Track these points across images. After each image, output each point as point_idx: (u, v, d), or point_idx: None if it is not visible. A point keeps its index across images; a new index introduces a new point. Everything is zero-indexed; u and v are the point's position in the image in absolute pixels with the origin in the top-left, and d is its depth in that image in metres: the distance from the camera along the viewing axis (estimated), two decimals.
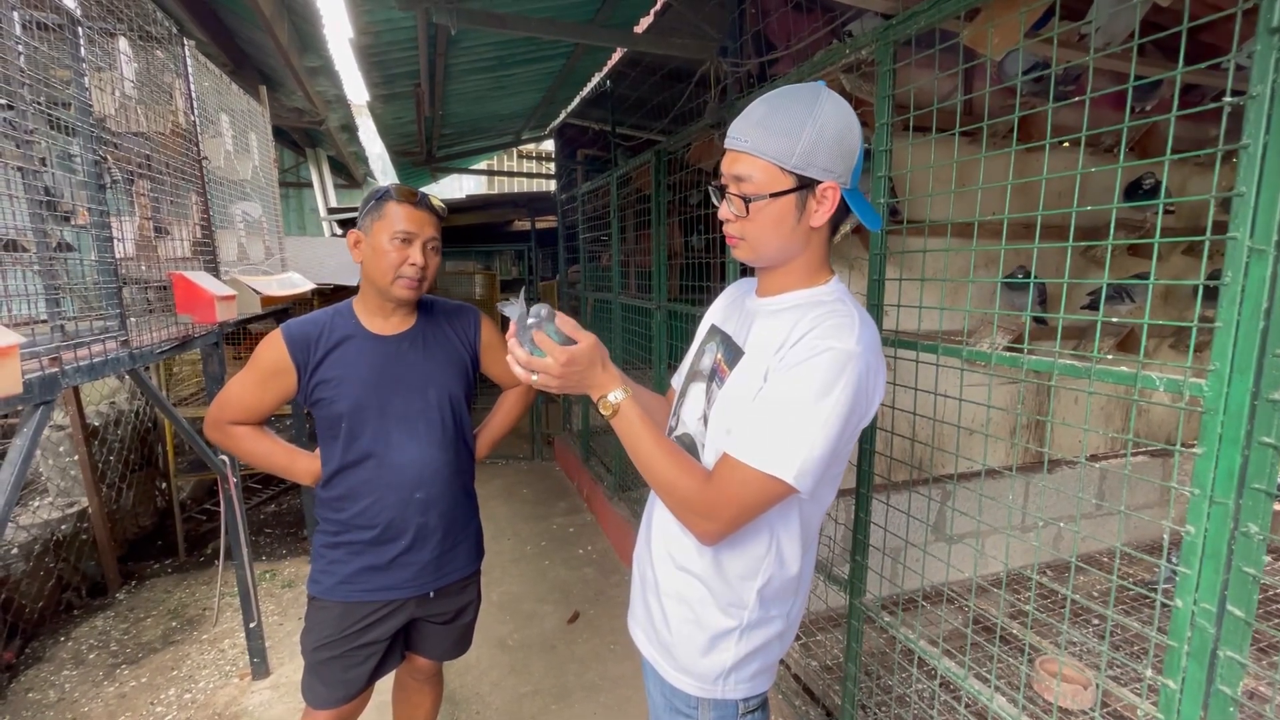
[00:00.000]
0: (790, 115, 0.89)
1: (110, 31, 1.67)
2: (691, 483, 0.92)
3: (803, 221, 0.93)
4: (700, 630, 1.02)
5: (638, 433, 0.95)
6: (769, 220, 0.93)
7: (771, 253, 0.97)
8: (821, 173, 0.90)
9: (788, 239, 0.94)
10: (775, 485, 0.87)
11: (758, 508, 0.91)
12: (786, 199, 0.91)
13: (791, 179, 0.90)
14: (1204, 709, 0.89)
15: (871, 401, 0.91)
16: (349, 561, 1.45)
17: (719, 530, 0.92)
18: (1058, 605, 2.44)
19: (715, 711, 1.04)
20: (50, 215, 1.41)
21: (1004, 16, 1.35)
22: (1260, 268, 0.80)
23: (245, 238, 2.64)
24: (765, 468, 0.86)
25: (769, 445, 0.86)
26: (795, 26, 2.23)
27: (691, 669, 1.03)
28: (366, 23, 2.76)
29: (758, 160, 0.91)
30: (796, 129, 0.89)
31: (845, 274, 2.45)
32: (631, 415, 0.95)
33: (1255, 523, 0.82)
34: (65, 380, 1.30)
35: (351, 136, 5.46)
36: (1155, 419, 3.38)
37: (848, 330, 0.88)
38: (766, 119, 0.91)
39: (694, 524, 0.93)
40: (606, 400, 0.96)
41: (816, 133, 0.89)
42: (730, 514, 0.90)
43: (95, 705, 2.35)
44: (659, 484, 0.95)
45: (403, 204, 1.36)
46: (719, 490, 0.90)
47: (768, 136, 0.90)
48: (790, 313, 0.96)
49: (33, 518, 2.93)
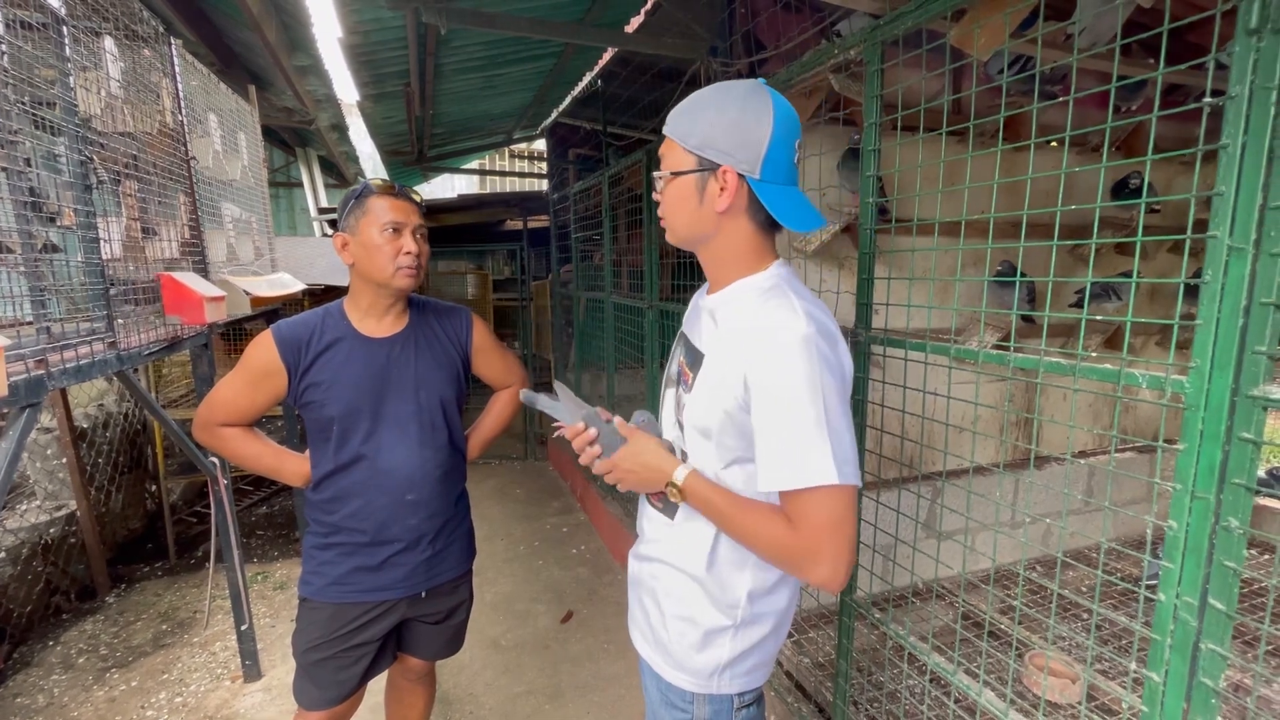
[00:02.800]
0: (701, 101, 0.94)
1: (96, 30, 1.66)
2: (777, 531, 0.91)
3: (705, 204, 0.95)
4: (694, 628, 1.03)
5: (710, 502, 0.96)
6: (675, 198, 0.97)
7: (682, 231, 1.00)
8: (720, 155, 0.92)
9: (693, 219, 0.97)
10: (835, 492, 0.87)
11: (841, 521, 0.88)
12: (687, 179, 0.95)
13: (692, 159, 0.94)
14: (1187, 701, 0.90)
15: (845, 368, 0.93)
16: (340, 563, 1.45)
17: (834, 568, 0.88)
18: (1047, 600, 2.46)
19: (710, 706, 1.05)
20: (36, 216, 1.39)
21: (989, 17, 1.36)
22: (1239, 266, 0.81)
23: (234, 238, 2.62)
24: (810, 483, 0.86)
25: (800, 462, 0.87)
26: (784, 26, 2.24)
27: (686, 665, 1.04)
28: (355, 22, 2.75)
29: (669, 141, 0.96)
30: (700, 112, 0.93)
31: (835, 273, 2.46)
32: (700, 487, 0.97)
33: (1236, 517, 0.83)
34: (52, 383, 1.29)
35: (342, 136, 5.43)
36: (1144, 416, 3.42)
37: (792, 315, 0.89)
38: (685, 107, 0.96)
39: (808, 573, 0.90)
40: (673, 487, 0.98)
41: (716, 115, 0.92)
42: (829, 545, 0.88)
43: (85, 710, 2.33)
44: (750, 545, 0.95)
45: (384, 196, 1.37)
46: (802, 530, 0.89)
47: (678, 118, 0.96)
48: (735, 305, 0.98)
49: (20, 521, 2.90)
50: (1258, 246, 0.79)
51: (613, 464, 1.03)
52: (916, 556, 1.55)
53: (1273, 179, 0.78)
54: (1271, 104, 0.77)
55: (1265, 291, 0.79)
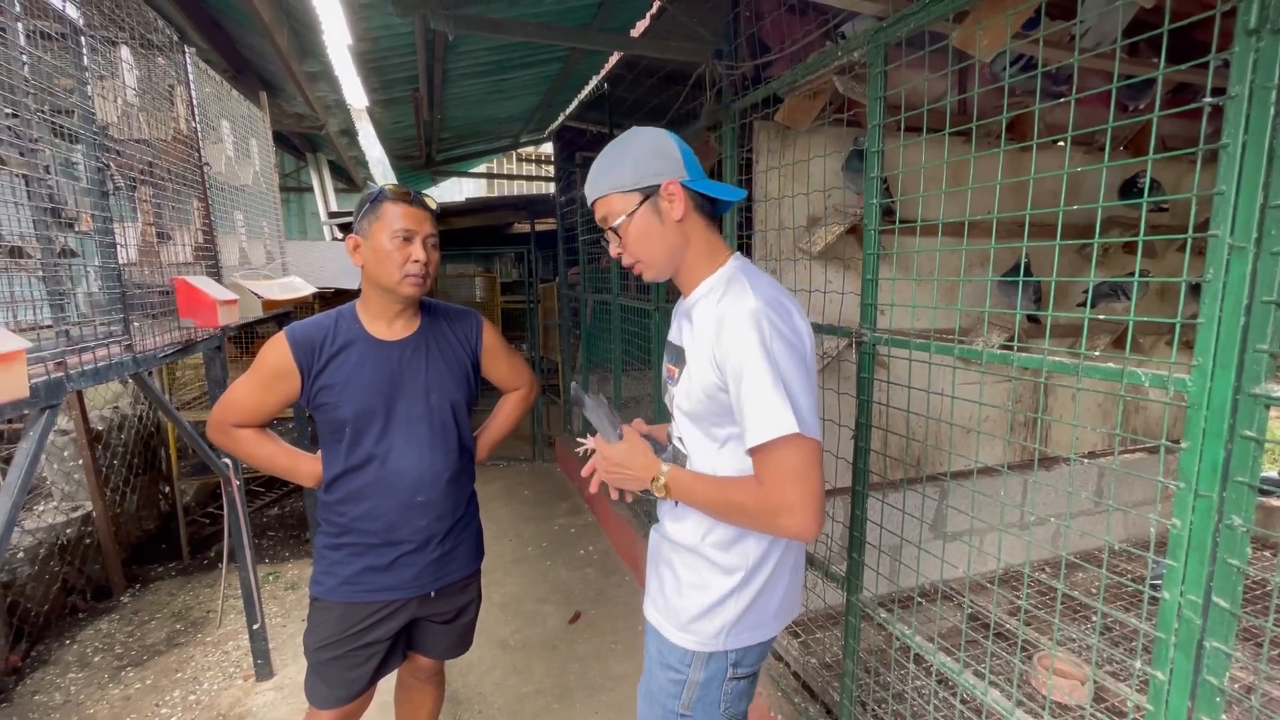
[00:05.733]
0: (609, 159, 1.10)
1: (112, 40, 1.69)
2: (749, 495, 1.01)
3: (666, 221, 1.08)
4: (705, 593, 1.13)
5: (692, 490, 1.08)
6: (638, 235, 1.09)
7: (663, 260, 1.11)
8: (655, 176, 1.07)
9: (663, 241, 1.09)
10: (796, 442, 0.96)
11: (807, 471, 0.97)
12: (641, 211, 1.07)
13: (635, 196, 1.07)
14: (1191, 699, 0.90)
15: (801, 335, 1.03)
16: (350, 562, 1.47)
17: (802, 516, 0.97)
18: (1054, 601, 2.45)
19: (706, 671, 1.14)
20: (54, 222, 1.42)
21: (992, 18, 1.37)
22: (1241, 265, 0.81)
23: (246, 242, 2.66)
24: (778, 433, 0.95)
25: (763, 418, 0.96)
26: (789, 29, 2.25)
27: (692, 627, 1.14)
28: (365, 29, 2.78)
29: (607, 198, 1.10)
30: (620, 160, 1.09)
31: (840, 273, 2.46)
32: (681, 479, 1.09)
33: (1239, 515, 0.84)
34: (70, 384, 1.32)
35: (351, 141, 5.48)
36: (1153, 416, 3.39)
37: (743, 295, 1.01)
38: (598, 171, 1.11)
39: (782, 526, 1.00)
40: (657, 483, 1.10)
41: (635, 152, 1.08)
42: (794, 493, 0.97)
43: (101, 708, 2.37)
44: (730, 518, 1.06)
45: (398, 203, 1.38)
46: (768, 482, 0.99)
47: (603, 179, 1.10)
48: (703, 301, 1.10)
49: (38, 521, 2.95)
50: (1259, 245, 0.80)
51: (602, 473, 1.19)
52: (923, 557, 1.55)
53: (1273, 178, 0.78)
54: (1271, 103, 0.78)
55: (1266, 290, 0.79)
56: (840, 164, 2.39)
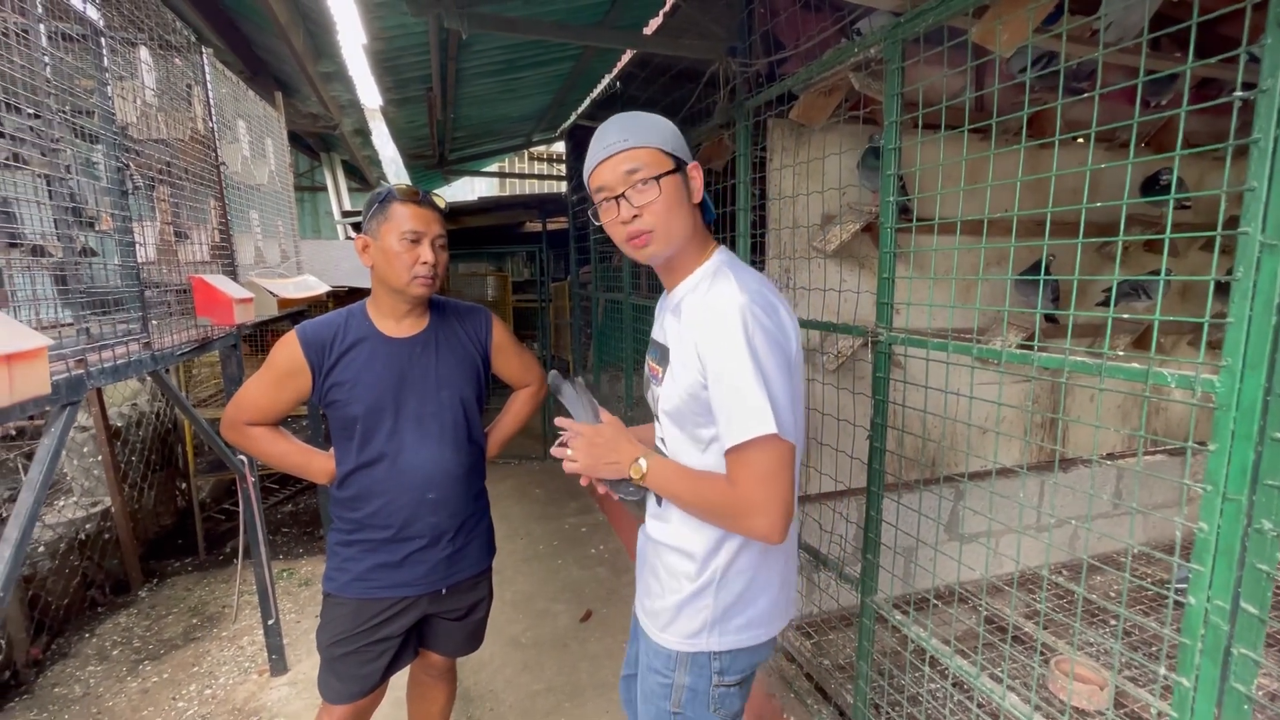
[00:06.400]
0: (645, 119, 1.05)
1: (132, 41, 1.71)
2: (719, 493, 0.99)
3: (690, 200, 1.06)
4: (683, 590, 1.11)
5: (669, 481, 1.05)
6: (671, 201, 1.02)
7: (678, 233, 1.05)
8: (685, 155, 1.06)
9: (687, 216, 1.05)
10: (773, 443, 0.93)
11: (778, 474, 0.95)
12: (673, 178, 1.02)
13: (671, 160, 1.03)
14: (1218, 706, 0.88)
15: (786, 335, 1.00)
16: (363, 559, 1.47)
17: (770, 518, 0.96)
18: (1073, 605, 2.41)
19: (690, 674, 1.11)
20: (75, 221, 1.44)
21: (1012, 13, 1.35)
22: (1272, 263, 0.79)
23: (261, 241, 2.69)
24: (751, 434, 0.93)
25: (740, 416, 0.94)
26: (804, 25, 2.23)
27: (672, 626, 1.12)
28: (379, 29, 2.79)
29: (640, 151, 1.02)
30: (655, 124, 1.04)
31: (856, 272, 2.44)
32: (661, 468, 1.06)
33: (1269, 519, 0.82)
34: (91, 381, 1.34)
35: (365, 140, 5.51)
36: (1175, 417, 3.33)
37: (728, 289, 0.99)
38: (629, 125, 1.04)
39: (748, 527, 0.98)
40: (638, 466, 1.07)
41: (666, 126, 1.05)
42: (762, 495, 0.95)
43: (119, 700, 2.40)
44: (700, 512, 1.04)
45: (407, 204, 1.38)
46: (739, 483, 0.97)
47: (640, 132, 1.03)
48: (691, 295, 1.07)
49: (58, 517, 2.99)
50: None
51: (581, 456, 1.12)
52: (938, 558, 1.53)
53: None
54: None
55: None
56: (855, 161, 2.36)
